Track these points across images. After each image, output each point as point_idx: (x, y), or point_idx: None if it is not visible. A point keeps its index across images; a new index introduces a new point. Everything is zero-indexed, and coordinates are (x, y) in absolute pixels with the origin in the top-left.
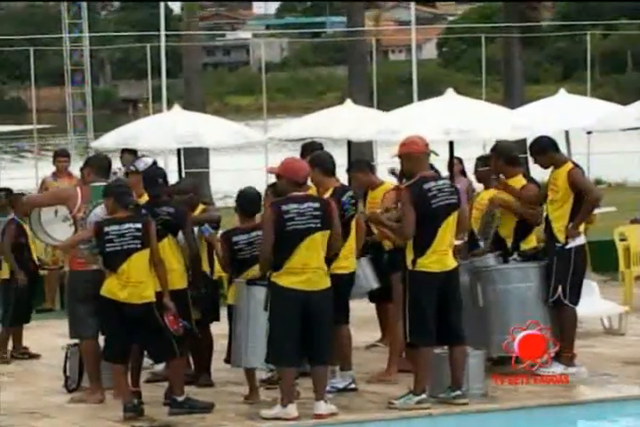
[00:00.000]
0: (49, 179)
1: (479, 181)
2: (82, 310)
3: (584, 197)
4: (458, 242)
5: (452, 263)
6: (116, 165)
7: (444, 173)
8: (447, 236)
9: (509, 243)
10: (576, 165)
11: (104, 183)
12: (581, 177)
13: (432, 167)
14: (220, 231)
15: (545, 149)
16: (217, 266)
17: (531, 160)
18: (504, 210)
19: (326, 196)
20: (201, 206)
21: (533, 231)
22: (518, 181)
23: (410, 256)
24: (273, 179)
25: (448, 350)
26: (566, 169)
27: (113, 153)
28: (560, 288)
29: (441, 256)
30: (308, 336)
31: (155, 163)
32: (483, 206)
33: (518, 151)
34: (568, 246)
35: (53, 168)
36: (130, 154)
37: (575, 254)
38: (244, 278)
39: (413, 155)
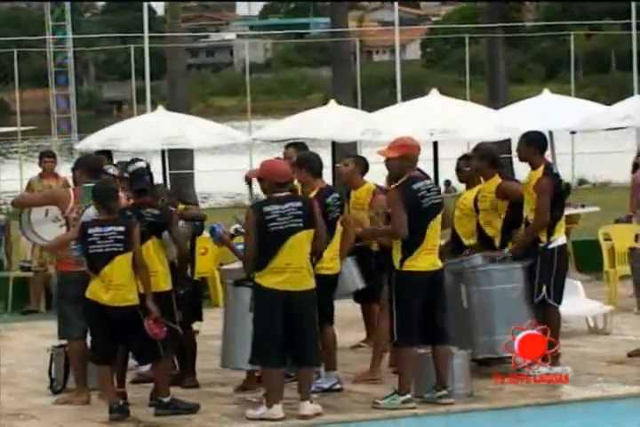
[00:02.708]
0: (35, 180)
1: (462, 181)
2: (70, 311)
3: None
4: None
5: (438, 263)
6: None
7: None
8: (434, 235)
9: (497, 242)
10: (549, 174)
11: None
12: (542, 194)
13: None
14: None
15: (530, 143)
16: (198, 267)
17: (515, 159)
18: (490, 209)
19: (311, 196)
20: (180, 207)
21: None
22: (494, 182)
23: (398, 256)
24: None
25: (431, 350)
26: (537, 174)
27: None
28: (544, 288)
29: (428, 255)
30: (292, 337)
31: (147, 166)
32: (465, 206)
33: (500, 152)
34: (550, 246)
35: (39, 169)
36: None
37: (558, 254)
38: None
39: (408, 154)
